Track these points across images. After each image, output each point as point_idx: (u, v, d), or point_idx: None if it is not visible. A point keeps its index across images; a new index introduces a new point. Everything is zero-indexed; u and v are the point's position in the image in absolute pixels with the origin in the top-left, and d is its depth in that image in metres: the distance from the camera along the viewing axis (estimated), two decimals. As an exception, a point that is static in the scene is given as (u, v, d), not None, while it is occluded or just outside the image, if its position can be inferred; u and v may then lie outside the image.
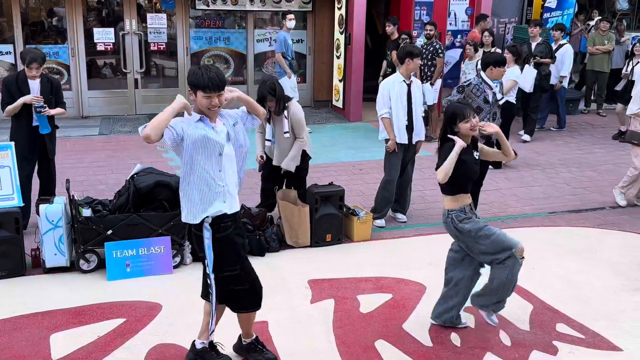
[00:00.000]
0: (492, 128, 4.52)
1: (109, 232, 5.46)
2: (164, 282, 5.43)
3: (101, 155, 9.10)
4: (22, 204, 5.72)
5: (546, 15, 13.10)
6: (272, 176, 6.47)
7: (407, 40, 9.98)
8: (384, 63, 10.89)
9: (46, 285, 5.33)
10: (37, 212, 5.45)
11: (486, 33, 10.73)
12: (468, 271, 4.65)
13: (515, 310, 5.02)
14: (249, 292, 4.06)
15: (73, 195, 5.54)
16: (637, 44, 10.83)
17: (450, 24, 12.14)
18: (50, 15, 11.30)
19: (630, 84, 10.46)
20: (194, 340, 4.24)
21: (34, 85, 6.12)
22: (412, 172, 6.93)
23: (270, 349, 4.40)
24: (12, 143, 5.86)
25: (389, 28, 10.70)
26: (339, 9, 11.64)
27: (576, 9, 14.06)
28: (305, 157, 6.40)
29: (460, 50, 12.11)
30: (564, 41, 10.94)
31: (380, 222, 6.77)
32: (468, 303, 4.76)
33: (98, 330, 4.64)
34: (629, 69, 10.70)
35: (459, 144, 4.34)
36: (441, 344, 4.58)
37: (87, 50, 11.21)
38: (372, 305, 5.09)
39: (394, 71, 10.44)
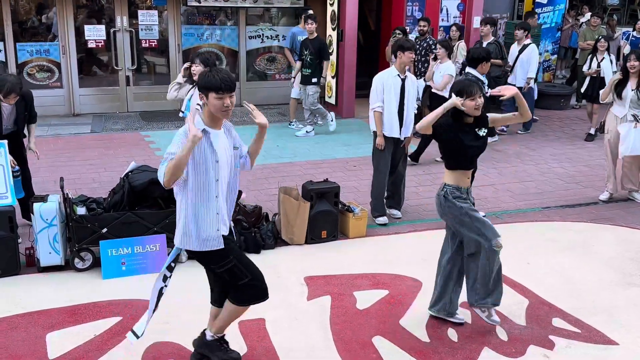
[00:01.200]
0: (509, 91, 4.42)
1: (104, 230, 5.44)
2: (159, 280, 5.40)
3: (94, 153, 9.05)
4: (15, 203, 5.67)
5: (537, 10, 13.15)
6: None
7: (401, 36, 9.99)
8: (298, 64, 10.35)
9: (41, 284, 5.30)
10: (32, 211, 5.41)
11: (454, 28, 10.76)
12: (458, 256, 4.64)
13: (511, 305, 5.04)
14: (252, 283, 3.98)
15: (67, 194, 5.52)
16: (601, 40, 10.64)
17: (443, 19, 12.17)
18: (41, 12, 11.21)
19: (594, 80, 10.45)
20: (204, 330, 4.18)
21: (8, 107, 5.99)
22: (404, 169, 6.94)
23: (267, 346, 4.41)
24: (5, 142, 5.80)
25: (310, 26, 10.00)
26: (331, 5, 11.61)
27: (567, 5, 14.12)
28: None
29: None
30: (528, 41, 10.60)
31: (383, 219, 6.75)
32: (463, 297, 4.76)
33: (94, 329, 4.62)
34: (592, 66, 10.41)
35: (452, 100, 4.30)
36: (438, 339, 4.59)
37: (78, 47, 11.14)
38: (368, 302, 5.10)
39: (313, 73, 10.10)
